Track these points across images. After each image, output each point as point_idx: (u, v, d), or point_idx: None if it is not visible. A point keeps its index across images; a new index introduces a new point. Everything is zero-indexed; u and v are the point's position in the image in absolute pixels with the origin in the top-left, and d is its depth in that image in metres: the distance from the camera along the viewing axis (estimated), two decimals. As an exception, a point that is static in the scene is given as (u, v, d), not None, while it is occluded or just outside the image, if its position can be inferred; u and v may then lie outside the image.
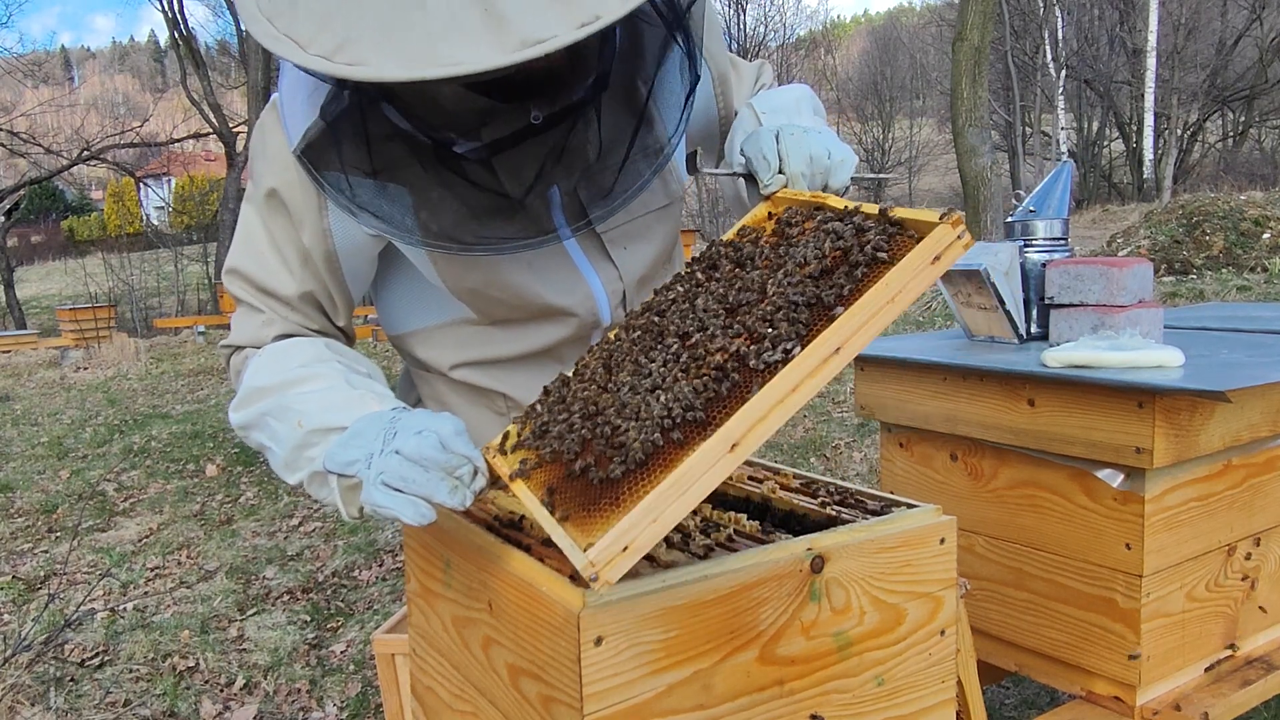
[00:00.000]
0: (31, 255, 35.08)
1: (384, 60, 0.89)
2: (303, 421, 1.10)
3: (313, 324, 1.27)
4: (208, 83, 22.41)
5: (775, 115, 1.31)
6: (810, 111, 1.37)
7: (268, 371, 1.18)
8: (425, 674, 1.31)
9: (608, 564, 0.85)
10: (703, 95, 1.41)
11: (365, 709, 2.94)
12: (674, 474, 0.87)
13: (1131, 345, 1.63)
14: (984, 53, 10.42)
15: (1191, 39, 22.03)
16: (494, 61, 0.87)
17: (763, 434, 0.90)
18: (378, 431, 1.02)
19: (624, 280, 1.30)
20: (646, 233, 1.31)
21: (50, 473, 6.31)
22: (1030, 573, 1.71)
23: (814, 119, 1.36)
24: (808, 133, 1.19)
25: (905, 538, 1.10)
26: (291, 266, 1.22)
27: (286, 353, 1.20)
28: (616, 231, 1.27)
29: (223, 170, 25.13)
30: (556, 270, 1.25)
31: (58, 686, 3.11)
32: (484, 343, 1.32)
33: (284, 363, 1.18)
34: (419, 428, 1.00)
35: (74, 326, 13.76)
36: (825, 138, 1.20)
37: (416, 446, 0.97)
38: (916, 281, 0.95)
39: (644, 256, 1.32)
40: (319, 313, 1.27)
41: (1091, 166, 24.78)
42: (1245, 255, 10.29)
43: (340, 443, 1.05)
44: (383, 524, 4.69)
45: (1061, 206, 1.99)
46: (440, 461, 0.97)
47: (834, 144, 1.19)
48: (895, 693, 1.11)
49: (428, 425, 1.00)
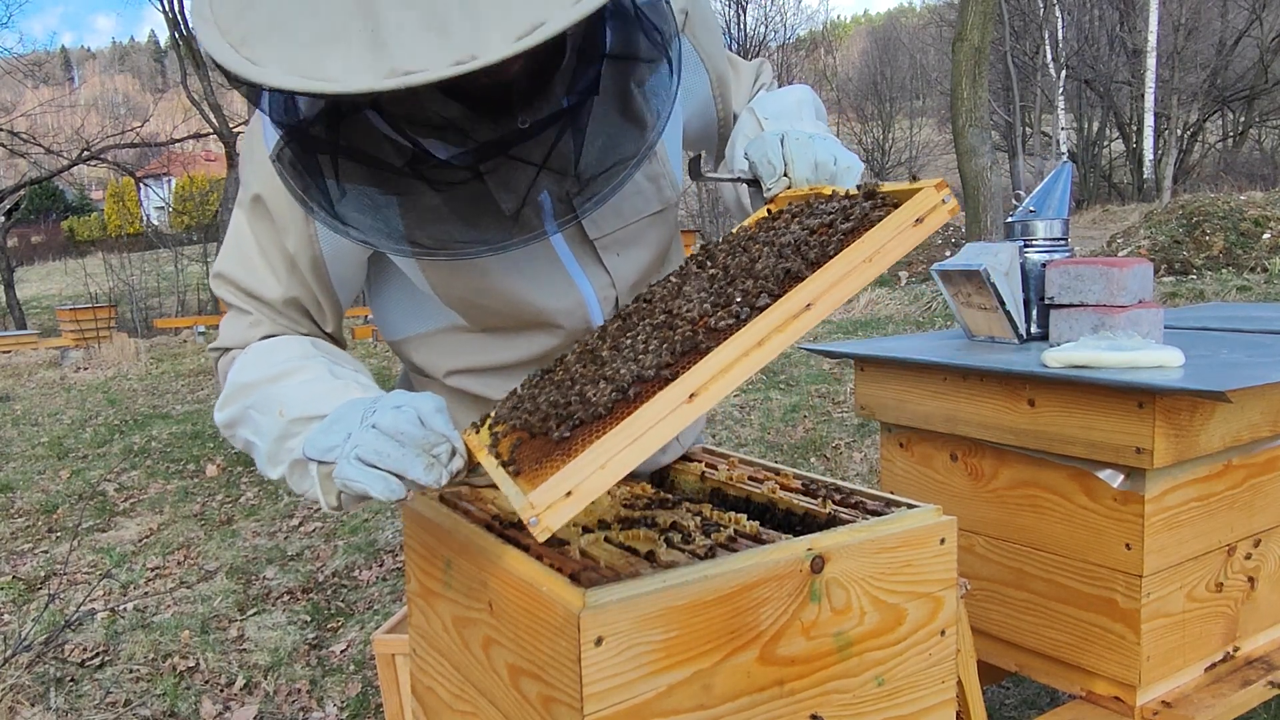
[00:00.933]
0: (32, 255, 35.07)
1: (270, 64, 0.87)
2: (284, 411, 1.09)
3: (300, 329, 1.26)
4: (208, 83, 22.41)
5: (778, 120, 1.31)
6: (812, 115, 1.38)
7: (252, 368, 1.17)
8: (425, 674, 1.31)
9: (548, 507, 0.82)
10: (700, 97, 1.41)
11: (365, 709, 2.94)
12: (625, 421, 0.85)
13: (1131, 345, 1.63)
14: (984, 53, 10.42)
15: (1191, 39, 22.02)
16: (366, 85, 0.84)
17: (725, 386, 0.88)
18: (358, 414, 1.00)
19: (616, 287, 1.28)
20: (640, 238, 1.29)
21: (50, 473, 6.31)
22: (1030, 573, 1.71)
23: (816, 123, 1.36)
24: (813, 138, 1.20)
25: (905, 538, 1.10)
26: (278, 272, 1.21)
27: (272, 349, 1.19)
28: (609, 238, 1.25)
29: (223, 170, 25.13)
30: (548, 276, 1.23)
31: (58, 687, 3.11)
32: (477, 350, 1.30)
33: (269, 359, 1.17)
34: (398, 404, 0.98)
35: (74, 327, 13.76)
36: (830, 144, 1.21)
37: (394, 421, 0.95)
38: (897, 242, 0.94)
39: (637, 262, 1.30)
40: (306, 318, 1.25)
41: (1091, 167, 24.77)
42: (1245, 255, 10.29)
43: (321, 429, 1.02)
44: (383, 524, 4.69)
45: (1061, 207, 1.99)
46: (417, 438, 0.95)
47: (839, 150, 1.20)
48: (895, 693, 1.11)
49: (407, 402, 0.98)
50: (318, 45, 0.86)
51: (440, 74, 0.83)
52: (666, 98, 1.09)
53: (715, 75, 1.42)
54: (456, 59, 0.83)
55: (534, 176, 1.04)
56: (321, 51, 0.86)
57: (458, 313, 1.26)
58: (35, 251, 36.15)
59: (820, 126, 1.36)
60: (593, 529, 1.13)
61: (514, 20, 0.84)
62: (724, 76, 1.44)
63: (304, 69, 0.86)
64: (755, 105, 1.38)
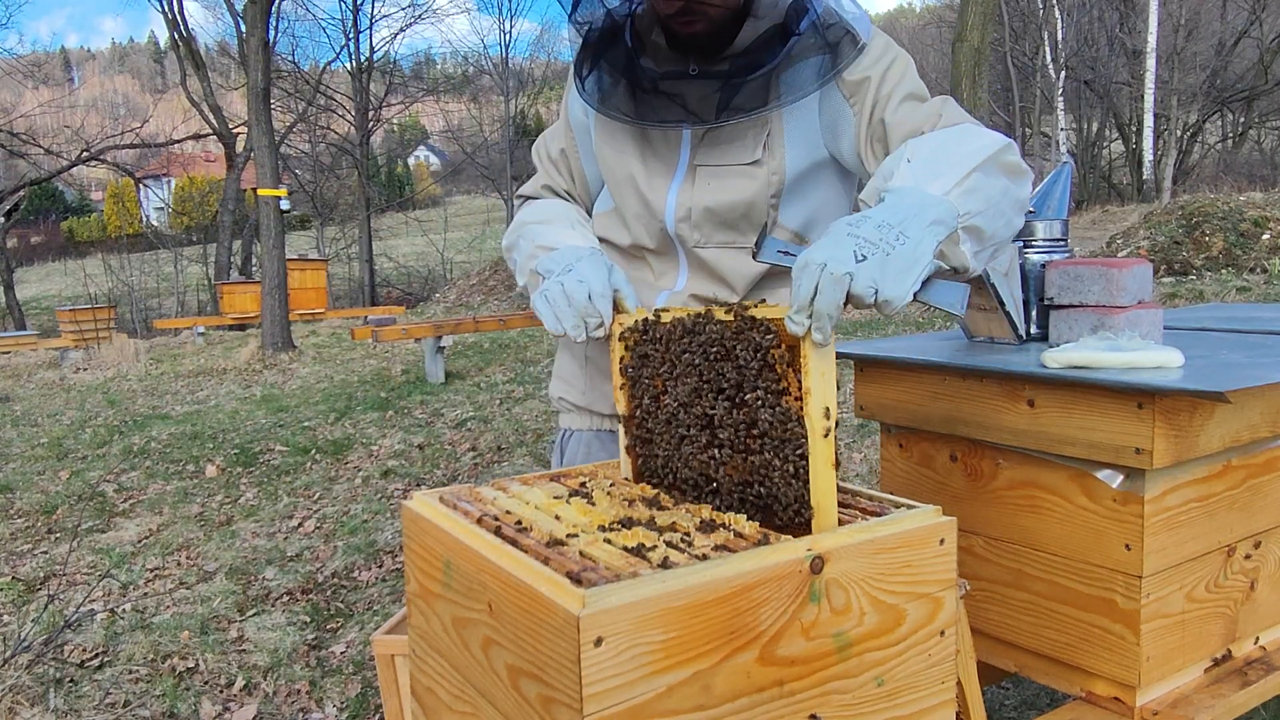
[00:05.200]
0: (31, 256, 35.09)
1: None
2: (536, 240, 1.62)
3: (562, 182, 1.79)
4: (208, 84, 22.39)
5: (916, 169, 1.25)
6: (962, 174, 1.24)
7: (529, 213, 1.74)
8: (425, 675, 1.31)
9: None
10: (849, 132, 1.52)
11: (365, 710, 2.94)
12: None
13: (1131, 346, 1.63)
14: (984, 54, 10.42)
15: (1191, 40, 22.02)
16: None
17: None
18: (569, 260, 1.45)
19: (693, 201, 1.57)
20: (725, 178, 1.56)
21: (50, 474, 6.31)
22: (1030, 573, 1.71)
23: (962, 190, 1.23)
24: (853, 274, 1.09)
25: (905, 538, 1.10)
26: (560, 129, 1.79)
27: (548, 204, 1.77)
28: (706, 168, 1.57)
29: (222, 171, 25.12)
30: (660, 174, 1.62)
31: (57, 687, 3.11)
32: (614, 230, 1.71)
33: (541, 210, 1.74)
34: (581, 276, 1.40)
35: (74, 327, 13.76)
36: (890, 264, 1.11)
37: (574, 287, 1.38)
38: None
39: (716, 195, 1.57)
40: (568, 174, 1.79)
41: (1091, 167, 24.77)
42: (1245, 256, 10.30)
43: (549, 256, 1.51)
44: (382, 524, 4.70)
45: (1061, 207, 1.99)
46: (580, 305, 1.37)
47: (888, 277, 1.10)
48: (895, 693, 1.11)
49: (590, 276, 1.40)
50: None
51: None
52: (799, 87, 1.45)
53: (864, 124, 1.49)
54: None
55: (703, 102, 1.50)
56: None
57: (610, 190, 1.71)
58: (35, 252, 36.17)
59: (976, 198, 1.23)
60: (592, 530, 1.13)
61: None
62: (880, 130, 1.47)
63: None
64: (910, 145, 1.32)
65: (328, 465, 6.05)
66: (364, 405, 7.87)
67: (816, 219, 1.60)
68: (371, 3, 57.24)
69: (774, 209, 1.55)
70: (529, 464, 5.71)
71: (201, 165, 33.97)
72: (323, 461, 6.15)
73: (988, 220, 1.24)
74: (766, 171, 1.53)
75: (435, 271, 26.87)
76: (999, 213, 1.27)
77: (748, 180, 1.55)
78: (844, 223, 1.16)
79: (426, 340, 8.91)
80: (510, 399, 7.64)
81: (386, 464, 5.91)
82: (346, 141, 26.46)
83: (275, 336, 12.20)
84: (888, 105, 1.46)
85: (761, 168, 1.54)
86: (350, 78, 26.02)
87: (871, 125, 1.47)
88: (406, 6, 33.08)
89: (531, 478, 1.40)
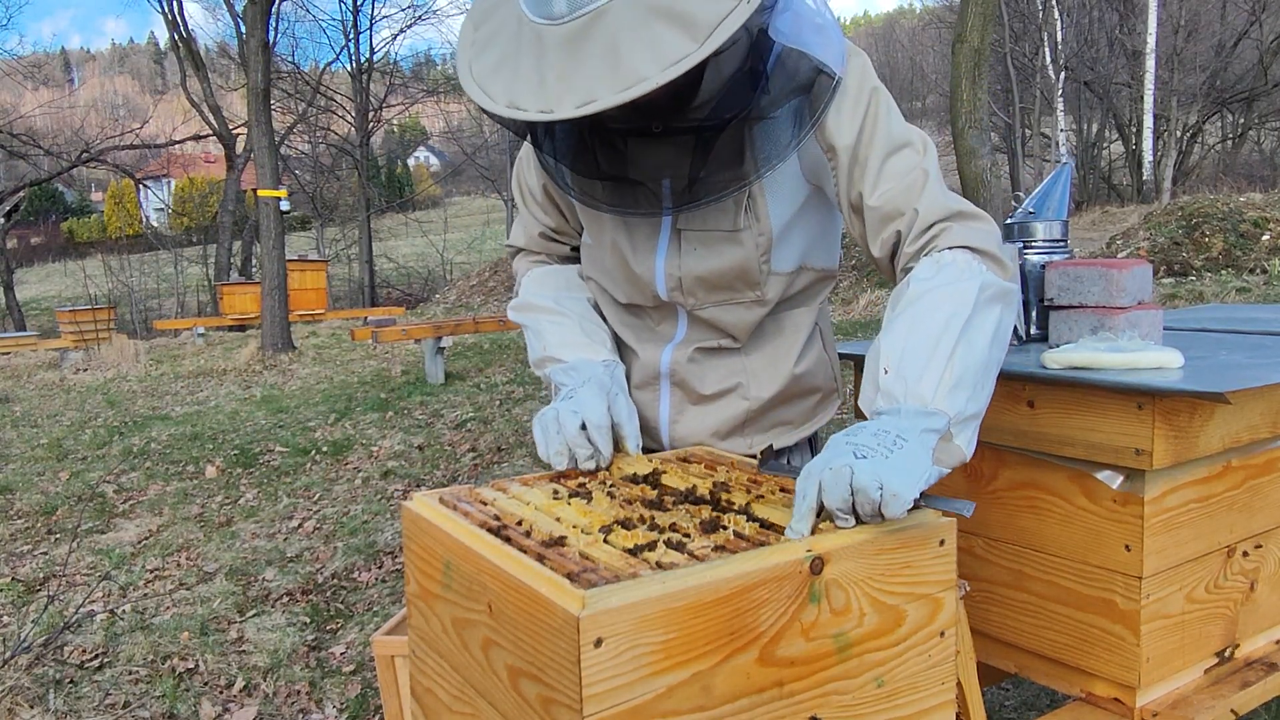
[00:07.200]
0: (31, 257, 35.10)
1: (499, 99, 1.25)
2: (546, 347, 1.61)
3: (550, 221, 1.70)
4: (208, 85, 22.39)
5: (895, 382, 1.24)
6: (939, 369, 1.21)
7: (536, 291, 1.69)
8: (425, 676, 1.31)
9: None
10: (829, 182, 1.46)
11: (365, 711, 2.94)
12: None
13: (1131, 347, 1.63)
14: (984, 54, 10.41)
15: (1191, 41, 22.02)
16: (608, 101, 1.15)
17: None
18: (575, 383, 1.48)
19: (682, 271, 1.53)
20: (712, 244, 1.51)
21: (50, 474, 6.31)
22: (1030, 574, 1.71)
23: (951, 389, 1.21)
24: (857, 468, 1.09)
25: (905, 539, 1.10)
26: (535, 163, 1.65)
27: (553, 279, 1.70)
28: (692, 234, 1.51)
29: (222, 172, 25.11)
30: (644, 241, 1.56)
31: (57, 688, 3.11)
32: (607, 280, 1.67)
33: (547, 292, 1.68)
34: (577, 408, 1.40)
35: (73, 328, 13.75)
36: (891, 464, 1.10)
37: (569, 419, 1.38)
38: None
39: (704, 262, 1.52)
40: (554, 210, 1.69)
41: (1091, 168, 24.77)
42: (1244, 257, 10.30)
43: (559, 369, 1.56)
44: (382, 525, 4.70)
45: (1061, 208, 2.00)
46: (571, 438, 1.38)
47: (891, 474, 1.09)
48: (895, 694, 1.11)
49: (586, 409, 1.40)
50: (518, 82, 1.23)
51: (613, 100, 1.16)
52: (775, 153, 1.38)
53: (844, 190, 1.44)
54: (622, 87, 1.15)
55: (674, 172, 1.40)
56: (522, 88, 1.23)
57: (594, 249, 1.64)
58: (35, 253, 36.18)
59: (963, 390, 1.21)
60: (592, 530, 1.13)
61: (618, 78, 1.16)
62: (854, 162, 1.42)
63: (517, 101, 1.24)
64: (883, 349, 1.28)
65: (328, 466, 6.05)
66: (364, 406, 7.87)
67: (811, 251, 1.56)
68: (372, 3, 57.35)
69: (765, 264, 1.50)
70: (529, 465, 5.72)
71: (201, 166, 33.98)
72: (323, 462, 6.16)
73: (978, 397, 1.24)
74: (753, 235, 1.48)
75: (435, 272, 26.91)
76: (988, 375, 1.27)
77: (735, 246, 1.49)
78: (840, 436, 1.18)
79: (426, 341, 8.92)
80: (510, 400, 7.64)
81: (386, 465, 5.91)
82: (346, 142, 26.48)
83: (275, 337, 12.21)
84: (865, 176, 1.41)
85: (747, 232, 1.48)
86: (350, 78, 26.04)
87: (851, 198, 1.43)
88: (407, 7, 33.18)
89: (531, 478, 1.40)
